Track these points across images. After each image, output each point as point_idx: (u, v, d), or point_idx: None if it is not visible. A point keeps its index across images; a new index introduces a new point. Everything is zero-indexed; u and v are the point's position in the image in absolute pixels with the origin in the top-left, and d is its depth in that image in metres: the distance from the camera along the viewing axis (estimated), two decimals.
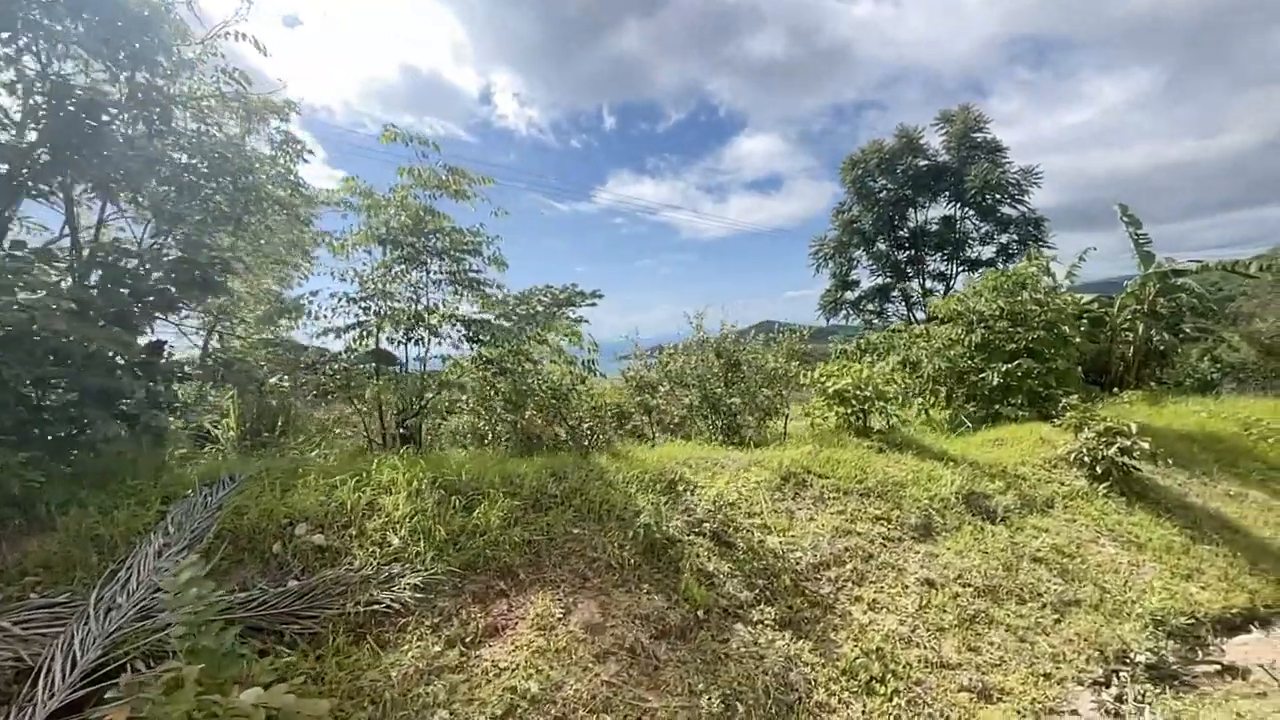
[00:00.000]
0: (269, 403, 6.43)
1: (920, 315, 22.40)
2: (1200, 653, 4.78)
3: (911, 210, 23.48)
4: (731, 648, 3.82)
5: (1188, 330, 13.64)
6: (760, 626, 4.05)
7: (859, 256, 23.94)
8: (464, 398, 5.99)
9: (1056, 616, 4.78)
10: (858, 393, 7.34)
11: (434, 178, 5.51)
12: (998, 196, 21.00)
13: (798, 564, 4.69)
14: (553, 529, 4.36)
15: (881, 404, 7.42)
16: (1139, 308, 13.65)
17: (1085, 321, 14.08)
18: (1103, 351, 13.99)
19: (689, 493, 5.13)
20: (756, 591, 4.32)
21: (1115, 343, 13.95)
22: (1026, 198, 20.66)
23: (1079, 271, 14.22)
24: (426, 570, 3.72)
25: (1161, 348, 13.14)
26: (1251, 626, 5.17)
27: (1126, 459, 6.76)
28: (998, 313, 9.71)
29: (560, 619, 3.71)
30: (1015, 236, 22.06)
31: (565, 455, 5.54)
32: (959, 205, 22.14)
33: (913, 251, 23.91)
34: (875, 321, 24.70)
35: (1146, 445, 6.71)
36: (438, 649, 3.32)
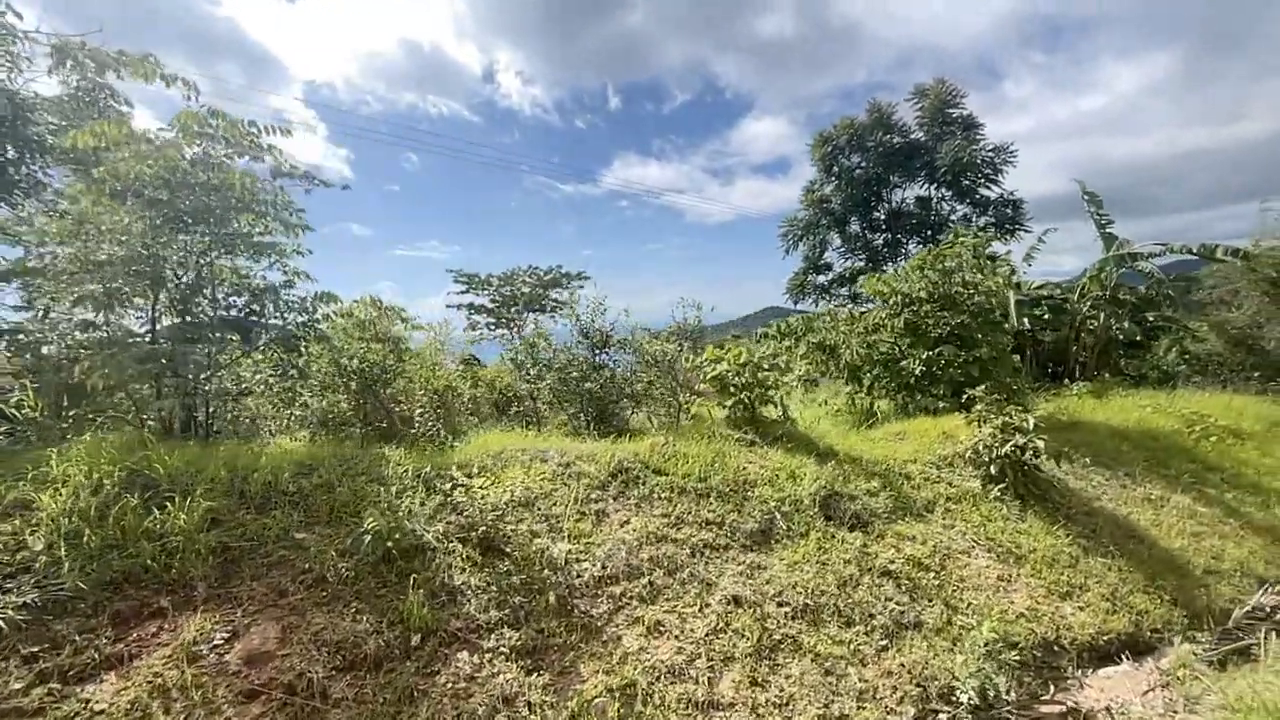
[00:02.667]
0: (65, 380, 5.75)
1: None
2: (1052, 688, 4.10)
3: (887, 191, 22.45)
4: (437, 683, 3.15)
5: (1151, 319, 12.77)
6: (491, 655, 3.37)
7: (831, 239, 22.97)
8: (254, 379, 5.31)
9: (885, 643, 4.09)
10: (735, 379, 6.60)
11: (198, 123, 4.75)
12: (973, 176, 19.96)
13: (579, 577, 4.00)
14: (267, 533, 3.68)
15: (762, 391, 6.68)
16: (1101, 295, 12.80)
17: (1044, 308, 13.28)
18: (1061, 340, 13.18)
19: (476, 490, 4.43)
20: (507, 611, 3.64)
21: (1075, 331, 13.12)
22: (1000, 177, 19.58)
23: (1037, 254, 13.34)
24: (61, 583, 3.06)
25: (1121, 337, 12.29)
26: (1123, 655, 4.48)
27: (1027, 458, 6.02)
28: (924, 294, 8.90)
29: (219, 645, 3.04)
30: (993, 219, 21.06)
31: (346, 445, 4.86)
32: (934, 186, 21.10)
33: (889, 235, 22.94)
34: (850, 306, 23.82)
35: (1042, 444, 5.96)
36: (18, 685, 2.66)
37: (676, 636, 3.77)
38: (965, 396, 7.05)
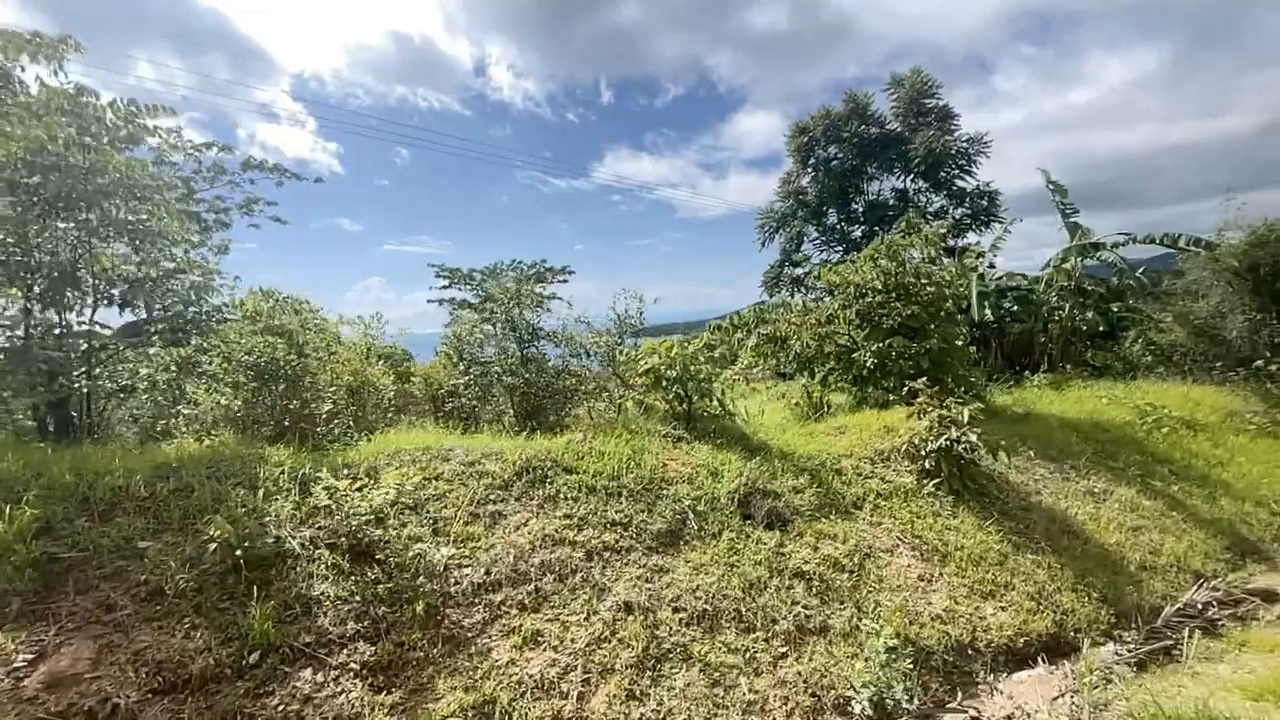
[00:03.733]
0: None
1: None
2: (960, 694, 3.90)
3: (864, 183, 22.23)
4: (267, 705, 2.89)
5: (1115, 309, 12.65)
6: (338, 672, 3.12)
7: (807, 231, 22.75)
8: (140, 375, 5.00)
9: (785, 649, 3.88)
10: (668, 373, 6.35)
11: (69, 102, 4.41)
12: (949, 168, 19.79)
13: (456, 585, 3.75)
14: (105, 542, 3.39)
15: (696, 385, 6.43)
16: (1067, 285, 12.66)
17: (1010, 299, 13.14)
18: (1026, 331, 13.05)
19: (357, 493, 4.13)
20: (367, 623, 3.38)
21: (1043, 322, 12.98)
22: (975, 168, 19.43)
23: (1003, 244, 13.17)
24: None
25: (1084, 328, 12.15)
26: (1040, 658, 4.28)
27: (960, 450, 5.82)
28: (878, 284, 8.67)
29: (20, 668, 2.76)
30: (969, 211, 20.93)
31: (226, 445, 4.57)
32: (909, 177, 20.91)
33: (866, 227, 22.75)
34: (826, 299, 23.63)
35: (975, 436, 5.75)
36: None
37: (554, 647, 3.53)
38: (906, 388, 6.84)
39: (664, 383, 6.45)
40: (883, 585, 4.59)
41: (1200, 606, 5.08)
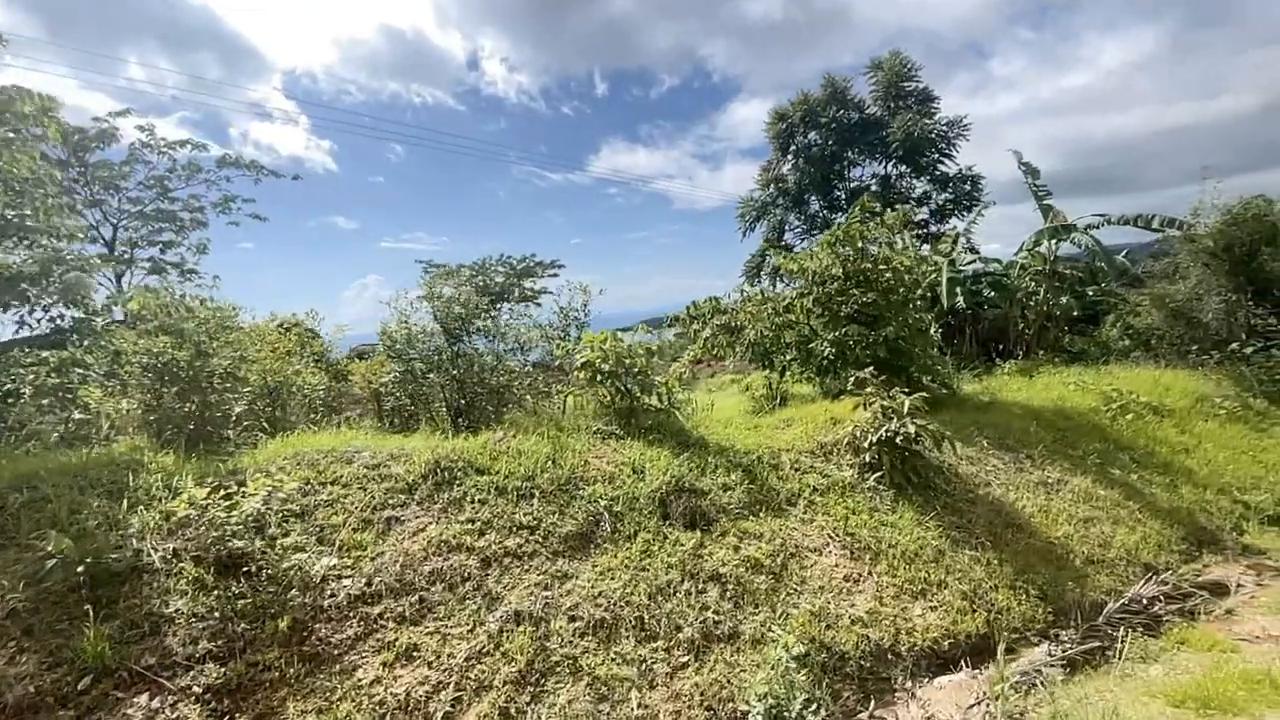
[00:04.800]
0: None
1: None
2: (873, 703, 3.68)
3: (846, 169, 21.87)
4: None
5: (1091, 294, 12.39)
6: (178, 697, 2.89)
7: (789, 219, 22.40)
8: (27, 379, 4.75)
9: (687, 659, 3.65)
10: (602, 366, 6.10)
11: None
12: (929, 152, 19.43)
13: (331, 597, 3.52)
14: None
15: (634, 378, 6.19)
16: (1041, 270, 12.40)
17: (983, 284, 12.89)
18: (1001, 317, 12.80)
19: (227, 501, 3.82)
20: (221, 642, 3.15)
21: (1020, 308, 12.73)
22: (954, 151, 19.07)
23: (977, 227, 12.88)
24: None
25: (1059, 313, 11.90)
26: (965, 662, 4.06)
27: (899, 441, 5.58)
28: (838, 272, 8.40)
29: None
30: (952, 195, 20.59)
31: (100, 454, 4.33)
32: (889, 162, 20.55)
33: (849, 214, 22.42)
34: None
35: (914, 428, 5.51)
36: None
37: (429, 663, 3.31)
38: (854, 378, 6.58)
39: (599, 377, 6.21)
40: (804, 587, 4.36)
41: (1146, 602, 4.86)
